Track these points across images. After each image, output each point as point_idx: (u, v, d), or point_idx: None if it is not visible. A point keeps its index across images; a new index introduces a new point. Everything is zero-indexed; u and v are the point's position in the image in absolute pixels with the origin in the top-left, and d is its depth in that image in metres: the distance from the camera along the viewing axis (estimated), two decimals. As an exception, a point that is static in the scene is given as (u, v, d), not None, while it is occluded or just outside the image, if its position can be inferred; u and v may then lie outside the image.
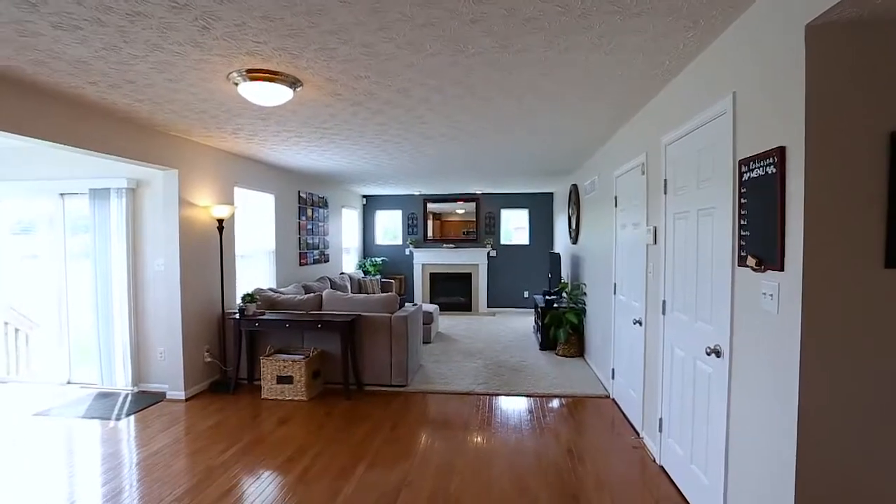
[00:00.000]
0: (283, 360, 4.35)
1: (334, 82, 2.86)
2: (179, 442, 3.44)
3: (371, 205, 9.85)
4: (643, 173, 3.37)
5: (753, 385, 1.92)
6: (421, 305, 5.41)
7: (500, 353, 5.99)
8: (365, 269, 9.30)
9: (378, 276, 8.77)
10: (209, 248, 4.69)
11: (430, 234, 9.65)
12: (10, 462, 3.17)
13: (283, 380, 4.35)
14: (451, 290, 9.68)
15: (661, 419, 3.01)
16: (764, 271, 1.82)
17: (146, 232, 4.55)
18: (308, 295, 4.94)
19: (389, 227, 9.88)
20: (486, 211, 9.53)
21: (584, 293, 5.80)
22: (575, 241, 6.52)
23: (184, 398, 4.33)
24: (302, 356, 4.46)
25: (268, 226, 6.04)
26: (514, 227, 9.61)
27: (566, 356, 5.83)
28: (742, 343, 2.01)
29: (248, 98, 2.86)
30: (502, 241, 9.55)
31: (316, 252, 7.35)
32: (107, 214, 4.48)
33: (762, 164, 1.81)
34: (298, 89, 2.92)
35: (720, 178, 2.20)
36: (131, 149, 3.73)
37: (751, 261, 1.88)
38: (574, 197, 6.47)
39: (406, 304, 5.56)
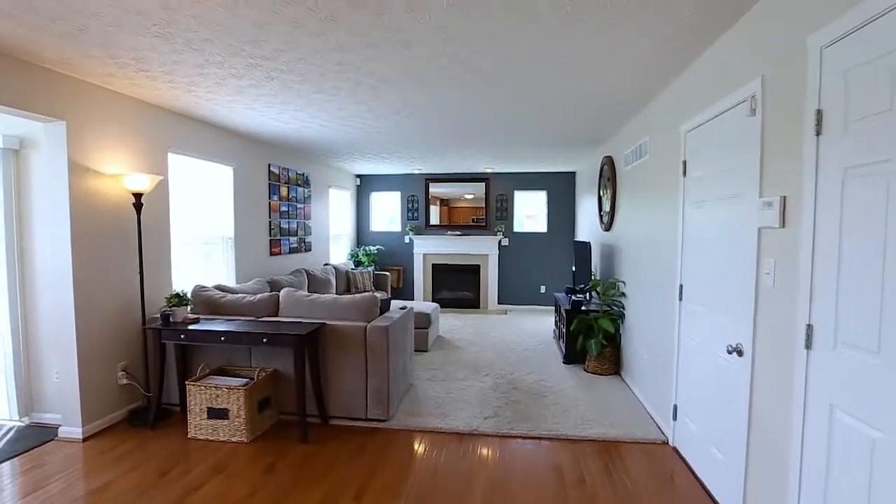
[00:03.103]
0: (216, 387, 3.16)
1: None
2: (23, 527, 2.27)
3: (365, 186, 8.60)
4: (753, 112, 2.07)
5: None
6: (411, 309, 4.19)
7: (515, 368, 4.76)
8: (357, 259, 8.10)
9: (371, 268, 7.57)
10: (123, 233, 3.49)
11: (432, 219, 8.39)
12: None
13: (216, 413, 3.17)
14: (457, 284, 8.44)
15: (795, 526, 1.76)
16: None
17: (38, 210, 3.36)
18: (259, 296, 3.74)
19: (386, 212, 8.63)
20: (498, 193, 8.24)
21: (623, 294, 4.53)
22: (608, 227, 5.23)
23: (80, 437, 3.17)
24: (244, 380, 3.27)
25: (225, 206, 4.84)
26: (530, 211, 8.30)
27: (598, 373, 4.57)
28: None
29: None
30: (515, 228, 8.26)
31: (293, 239, 6.14)
32: (-21, 185, 3.30)
33: None
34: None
35: None
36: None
37: None
38: (608, 172, 5.17)
39: (391, 304, 4.35)
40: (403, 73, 3.00)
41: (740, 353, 2.17)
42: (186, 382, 3.21)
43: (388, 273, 7.68)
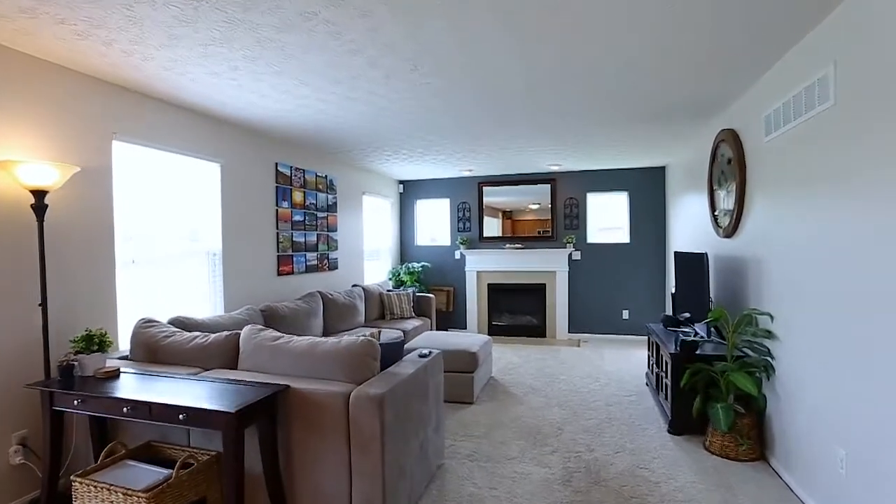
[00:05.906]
0: (108, 488, 1.99)
1: None
2: None
3: (409, 192, 7.43)
4: None
5: None
6: (438, 355, 2.83)
7: (595, 439, 3.24)
8: (398, 278, 6.90)
9: (413, 289, 6.32)
10: (19, 248, 2.47)
11: (487, 230, 7.03)
12: None
13: (109, 533, 1.99)
14: (518, 308, 6.99)
15: None
16: None
17: (-86, 217, 2.42)
18: (213, 337, 2.57)
19: (433, 222, 7.39)
20: (567, 196, 6.74)
21: (769, 332, 2.91)
22: (730, 232, 3.61)
23: (-72, 555, 2.12)
24: (157, 478, 2.07)
25: (210, 213, 3.80)
26: (606, 218, 6.70)
27: (730, 458, 2.95)
28: None
29: None
30: (589, 239, 6.70)
31: (311, 256, 5.03)
32: None
33: None
34: None
35: None
36: None
37: None
38: (728, 153, 3.57)
39: (405, 344, 3.01)
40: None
41: None
42: (72, 478, 2.07)
43: (432, 295, 6.39)
